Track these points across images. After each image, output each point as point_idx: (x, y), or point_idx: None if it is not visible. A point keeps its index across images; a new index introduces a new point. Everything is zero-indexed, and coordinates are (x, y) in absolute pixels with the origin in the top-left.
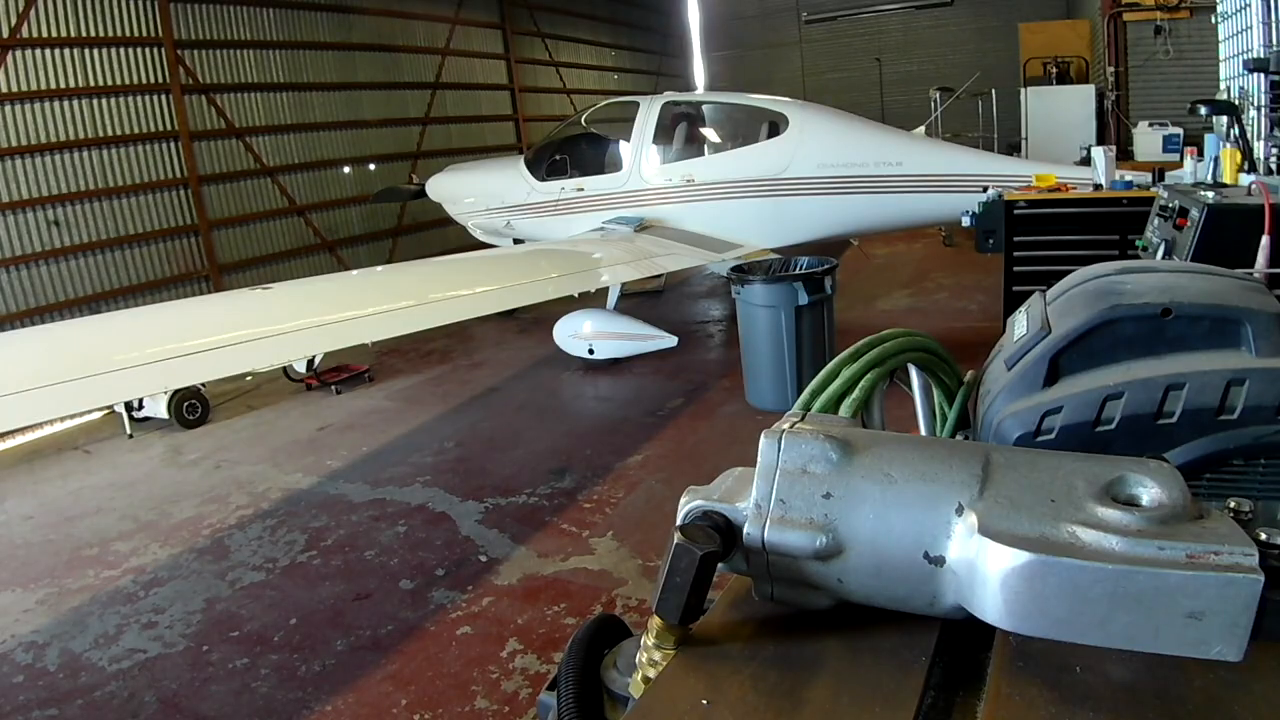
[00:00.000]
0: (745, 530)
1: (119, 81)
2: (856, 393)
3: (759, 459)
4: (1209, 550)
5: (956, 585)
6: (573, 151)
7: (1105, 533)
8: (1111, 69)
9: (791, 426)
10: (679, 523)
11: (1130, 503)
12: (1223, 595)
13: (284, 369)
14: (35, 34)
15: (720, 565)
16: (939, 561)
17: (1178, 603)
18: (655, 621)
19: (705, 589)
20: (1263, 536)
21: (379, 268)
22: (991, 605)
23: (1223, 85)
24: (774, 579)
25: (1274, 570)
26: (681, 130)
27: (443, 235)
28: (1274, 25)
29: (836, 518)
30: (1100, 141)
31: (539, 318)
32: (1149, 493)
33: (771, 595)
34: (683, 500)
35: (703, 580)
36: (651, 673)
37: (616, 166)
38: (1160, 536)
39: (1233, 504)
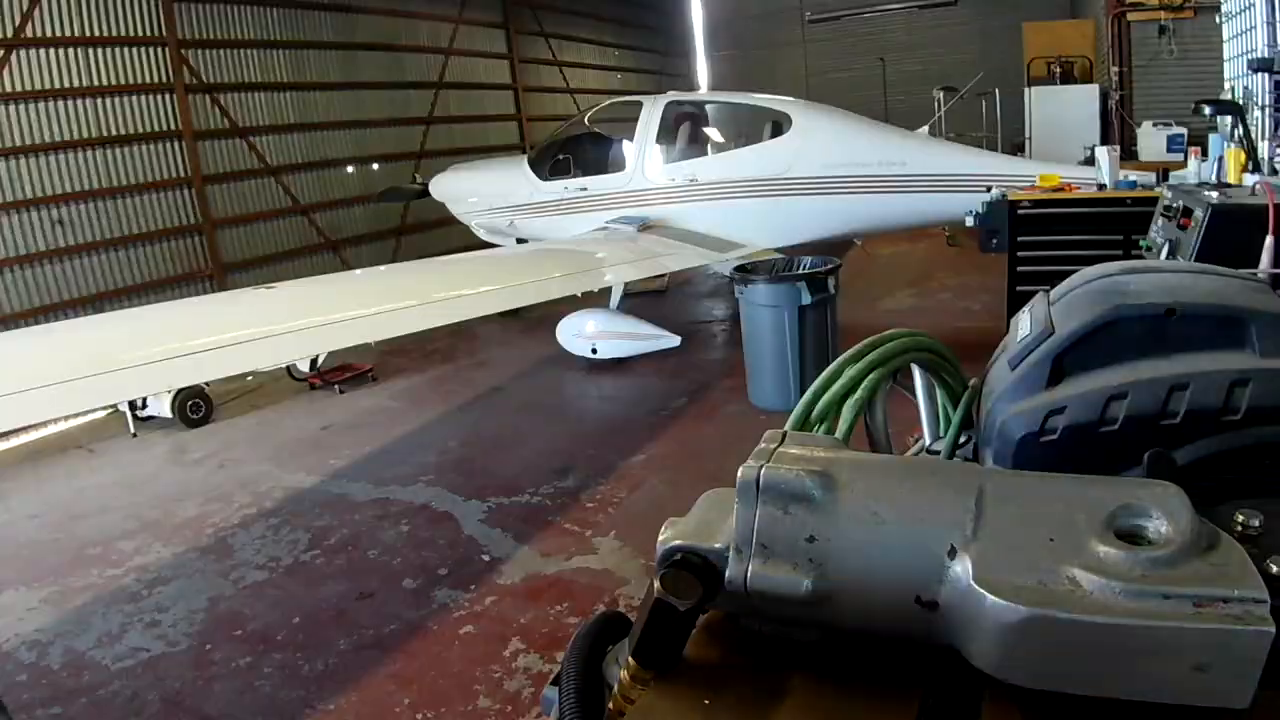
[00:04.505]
0: (727, 574)
1: (123, 81)
2: (859, 393)
3: (737, 498)
4: (1217, 597)
5: (949, 630)
6: (576, 151)
7: (1107, 578)
8: (1116, 69)
9: (771, 456)
10: (657, 564)
11: (1134, 535)
12: (1231, 647)
13: (288, 368)
14: (39, 34)
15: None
16: (931, 605)
17: (1183, 656)
18: (633, 662)
19: (686, 637)
20: (1274, 569)
21: (382, 267)
22: (987, 656)
23: (1227, 85)
24: (759, 616)
25: None
26: (685, 130)
27: (446, 235)
28: (1278, 25)
29: (822, 562)
30: (1104, 141)
31: (542, 317)
32: (1154, 524)
33: (759, 629)
34: (661, 536)
35: (684, 631)
36: (632, 696)
37: (620, 166)
38: (1166, 581)
39: (1240, 519)
